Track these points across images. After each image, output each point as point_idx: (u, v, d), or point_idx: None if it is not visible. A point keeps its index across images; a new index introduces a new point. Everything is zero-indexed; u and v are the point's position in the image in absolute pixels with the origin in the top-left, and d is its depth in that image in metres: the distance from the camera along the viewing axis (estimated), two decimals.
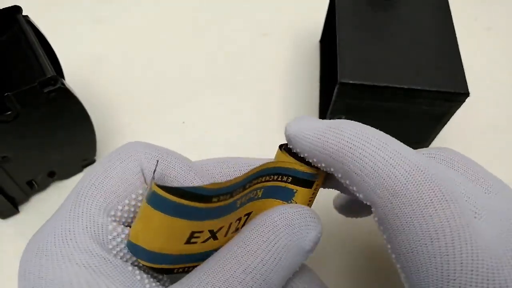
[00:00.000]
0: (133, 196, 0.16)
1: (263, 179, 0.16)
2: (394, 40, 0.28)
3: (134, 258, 0.16)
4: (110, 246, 0.15)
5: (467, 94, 0.25)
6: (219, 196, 0.15)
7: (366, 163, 0.15)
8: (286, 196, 0.17)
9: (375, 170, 0.14)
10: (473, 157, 0.34)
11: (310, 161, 0.17)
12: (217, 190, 0.15)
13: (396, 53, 0.27)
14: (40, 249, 0.15)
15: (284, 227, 0.15)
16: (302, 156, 0.17)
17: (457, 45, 0.28)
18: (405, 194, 0.14)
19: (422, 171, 0.14)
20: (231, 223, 0.16)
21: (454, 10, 0.30)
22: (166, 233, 0.15)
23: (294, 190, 0.17)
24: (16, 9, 0.25)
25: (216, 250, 0.16)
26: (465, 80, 0.26)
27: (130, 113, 0.33)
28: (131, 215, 0.16)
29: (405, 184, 0.14)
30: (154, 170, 0.15)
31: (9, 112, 0.22)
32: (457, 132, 0.33)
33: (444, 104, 0.26)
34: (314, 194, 0.18)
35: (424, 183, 0.14)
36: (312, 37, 0.39)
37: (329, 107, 0.28)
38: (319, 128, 0.16)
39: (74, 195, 0.16)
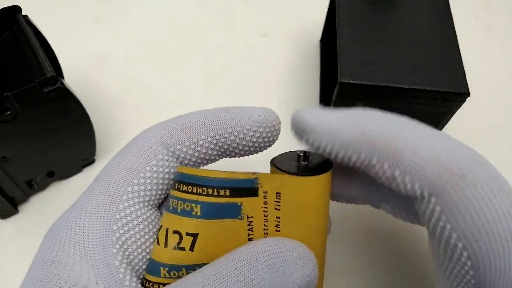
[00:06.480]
0: (147, 168, 0.17)
1: (190, 189, 0.15)
2: (394, 40, 0.28)
3: (135, 246, 0.16)
4: (115, 227, 0.16)
5: (467, 94, 0.25)
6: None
7: (424, 150, 0.14)
8: (233, 213, 0.15)
9: (437, 156, 0.14)
10: None
11: (338, 155, 0.15)
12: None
13: (396, 53, 0.27)
14: (53, 228, 0.16)
15: (264, 263, 0.13)
16: (327, 150, 0.15)
17: (457, 45, 0.28)
18: (473, 175, 0.13)
19: (475, 154, 0.14)
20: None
21: (454, 10, 0.30)
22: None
23: (239, 203, 0.15)
24: (16, 9, 0.25)
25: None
26: (466, 80, 0.26)
27: (130, 113, 0.33)
28: (149, 187, 0.17)
29: (470, 165, 0.14)
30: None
31: (9, 112, 0.22)
32: (457, 132, 0.33)
33: (444, 104, 0.26)
34: (267, 204, 0.15)
35: (482, 164, 0.14)
36: (312, 37, 0.39)
37: (329, 107, 0.28)
38: (347, 116, 0.15)
39: (95, 179, 0.17)
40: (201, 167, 0.19)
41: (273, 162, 0.16)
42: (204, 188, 0.15)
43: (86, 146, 0.28)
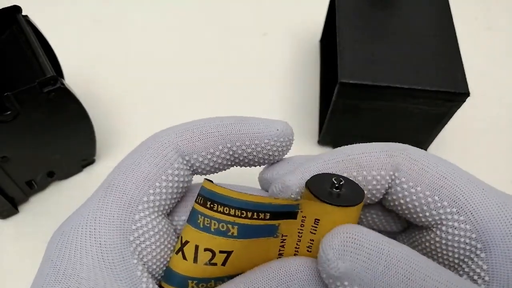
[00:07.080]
0: (163, 177, 0.17)
1: (226, 210, 0.15)
2: (394, 40, 0.28)
3: (150, 256, 0.16)
4: (131, 238, 0.16)
5: (467, 94, 0.25)
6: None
7: (369, 148, 0.18)
8: (270, 233, 0.16)
9: (380, 148, 0.18)
10: (473, 157, 0.34)
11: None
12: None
13: (396, 53, 0.27)
14: (63, 237, 0.16)
15: (298, 284, 0.15)
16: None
17: (457, 45, 0.28)
18: (407, 148, 0.18)
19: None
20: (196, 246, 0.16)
21: (454, 10, 0.30)
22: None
23: (277, 225, 0.16)
24: (16, 9, 0.25)
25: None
26: (466, 80, 0.26)
27: (130, 113, 0.33)
28: (163, 197, 0.17)
29: (402, 145, 0.18)
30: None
31: (9, 112, 0.22)
32: (457, 132, 0.33)
33: (445, 104, 0.26)
34: (303, 227, 0.16)
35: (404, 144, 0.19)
36: (312, 37, 0.39)
37: (329, 107, 0.28)
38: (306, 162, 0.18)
39: (106, 185, 0.17)
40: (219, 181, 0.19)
41: (309, 188, 0.16)
42: (243, 211, 0.15)
43: (86, 146, 0.28)
